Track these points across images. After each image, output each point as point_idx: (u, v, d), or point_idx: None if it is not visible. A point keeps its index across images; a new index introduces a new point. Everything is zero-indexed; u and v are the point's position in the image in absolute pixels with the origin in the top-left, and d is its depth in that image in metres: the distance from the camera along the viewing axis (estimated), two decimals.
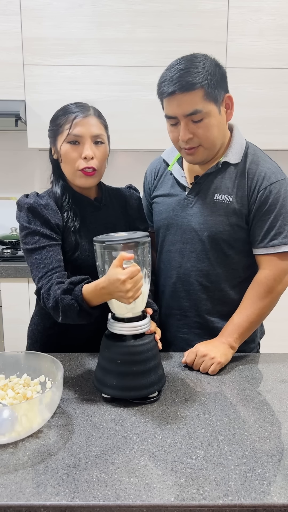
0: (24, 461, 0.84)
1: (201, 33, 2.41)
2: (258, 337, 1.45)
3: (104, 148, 1.25)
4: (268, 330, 1.52)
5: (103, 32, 2.40)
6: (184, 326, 1.38)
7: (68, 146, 1.21)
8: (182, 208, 1.33)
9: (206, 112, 1.18)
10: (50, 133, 1.28)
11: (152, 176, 1.46)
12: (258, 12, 2.41)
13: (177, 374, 1.20)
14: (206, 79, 1.16)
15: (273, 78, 2.48)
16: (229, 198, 1.27)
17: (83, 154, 1.21)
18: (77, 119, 1.20)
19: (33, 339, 1.40)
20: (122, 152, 2.84)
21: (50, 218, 1.21)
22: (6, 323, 2.52)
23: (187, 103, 1.17)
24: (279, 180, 1.25)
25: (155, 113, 1.32)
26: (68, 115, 1.22)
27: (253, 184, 1.25)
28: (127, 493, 0.75)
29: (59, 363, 0.99)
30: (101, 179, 1.34)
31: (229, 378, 1.18)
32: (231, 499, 0.74)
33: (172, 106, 1.19)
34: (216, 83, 1.19)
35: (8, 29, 2.39)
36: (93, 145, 1.22)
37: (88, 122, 1.21)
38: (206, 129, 1.20)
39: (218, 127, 1.23)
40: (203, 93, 1.16)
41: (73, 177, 1.25)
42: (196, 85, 1.15)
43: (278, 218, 1.24)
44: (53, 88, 2.42)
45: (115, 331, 1.07)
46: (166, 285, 1.40)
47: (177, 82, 1.16)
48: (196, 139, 1.21)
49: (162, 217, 1.38)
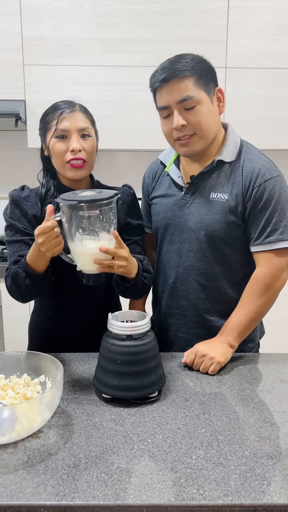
0: (24, 461, 0.84)
1: (201, 33, 2.41)
2: (257, 336, 1.44)
3: (91, 141, 1.29)
4: (268, 330, 1.53)
5: (103, 32, 2.40)
6: (183, 326, 1.38)
7: (56, 140, 1.26)
8: (179, 208, 1.34)
9: (197, 99, 1.20)
10: (40, 131, 1.33)
11: (150, 178, 1.47)
12: (258, 12, 2.41)
13: (177, 374, 1.20)
14: (195, 68, 1.20)
15: (273, 78, 2.48)
16: (225, 196, 1.28)
17: (70, 147, 1.25)
18: (63, 115, 1.25)
19: (31, 335, 1.47)
20: (122, 152, 2.84)
21: (27, 210, 1.30)
22: (6, 323, 2.52)
23: (178, 89, 1.20)
24: (274, 177, 1.25)
25: (155, 113, 1.32)
26: (55, 112, 1.27)
27: (247, 181, 1.26)
28: (127, 493, 0.75)
29: (59, 363, 0.99)
30: (100, 179, 1.34)
31: (229, 378, 1.18)
32: (231, 499, 0.74)
33: (164, 94, 1.22)
34: (206, 73, 1.23)
35: (8, 29, 2.39)
36: (80, 138, 1.26)
37: (74, 117, 1.26)
38: (199, 115, 1.21)
39: (211, 116, 1.24)
40: (194, 81, 1.20)
41: (63, 170, 1.29)
42: (186, 71, 1.19)
43: (273, 214, 1.24)
44: (53, 88, 2.42)
45: (115, 331, 1.07)
46: (165, 285, 1.41)
47: (168, 69, 1.20)
48: (189, 127, 1.22)
49: (160, 218, 1.38)
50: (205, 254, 1.31)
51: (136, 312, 1.16)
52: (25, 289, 1.20)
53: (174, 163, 1.39)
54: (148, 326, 1.09)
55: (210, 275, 1.32)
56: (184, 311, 1.37)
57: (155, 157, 1.51)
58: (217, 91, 1.26)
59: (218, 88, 1.27)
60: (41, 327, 1.43)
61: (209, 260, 1.31)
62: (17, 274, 1.18)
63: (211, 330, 1.34)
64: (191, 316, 1.37)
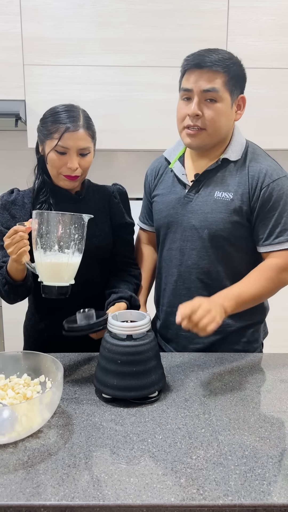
0: (24, 461, 0.84)
1: (201, 33, 2.41)
2: (261, 337, 1.44)
3: (89, 158, 1.31)
4: (270, 331, 1.52)
5: (103, 32, 2.40)
6: None
7: (55, 154, 1.27)
8: (182, 205, 1.34)
9: (221, 96, 1.21)
10: (39, 132, 1.33)
11: (152, 175, 1.47)
12: (258, 12, 2.41)
13: (177, 374, 1.20)
14: (230, 68, 1.22)
15: (273, 78, 2.47)
16: (230, 196, 1.27)
17: (68, 165, 1.27)
18: (66, 133, 1.24)
19: (26, 335, 1.49)
20: (122, 152, 2.84)
21: (15, 214, 1.34)
22: (6, 323, 2.52)
23: (207, 79, 1.20)
24: (281, 177, 1.26)
25: (155, 113, 1.32)
26: (58, 125, 1.26)
27: (254, 182, 1.25)
28: (127, 493, 0.75)
29: (59, 363, 0.99)
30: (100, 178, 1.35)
31: (229, 378, 1.18)
32: (231, 499, 0.74)
33: (192, 78, 1.22)
34: (237, 78, 1.24)
35: (8, 29, 2.38)
36: (79, 156, 1.28)
37: (77, 136, 1.26)
38: (216, 112, 1.22)
39: (227, 119, 1.25)
40: (224, 79, 1.21)
41: (56, 179, 1.32)
42: (220, 67, 1.20)
43: (282, 215, 1.25)
44: (53, 88, 2.42)
45: (115, 331, 1.07)
46: (167, 283, 1.40)
47: (205, 57, 1.20)
48: (203, 120, 1.23)
49: (163, 216, 1.38)
50: (208, 253, 1.31)
51: (136, 312, 1.16)
52: (5, 294, 1.27)
53: (179, 160, 1.39)
54: (148, 326, 1.09)
55: (213, 274, 1.32)
56: None
57: (155, 157, 1.51)
58: (240, 99, 1.28)
59: (242, 96, 1.28)
60: (35, 327, 1.45)
61: (212, 259, 1.31)
62: None
63: None
64: None
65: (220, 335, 1.34)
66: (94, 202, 1.41)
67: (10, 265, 1.21)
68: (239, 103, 1.28)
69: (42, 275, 1.16)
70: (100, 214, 1.40)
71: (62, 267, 1.14)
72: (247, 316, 1.36)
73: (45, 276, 1.15)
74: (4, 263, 1.27)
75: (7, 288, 1.25)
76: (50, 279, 1.14)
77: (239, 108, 1.29)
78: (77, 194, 1.39)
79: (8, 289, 1.25)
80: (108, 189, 1.45)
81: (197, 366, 1.25)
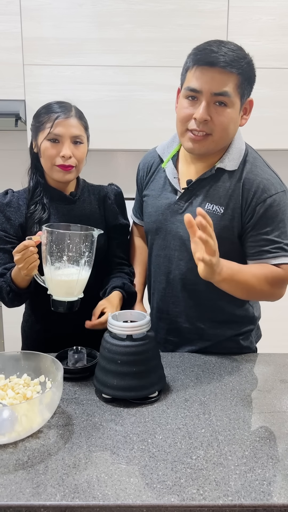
0: (24, 461, 0.84)
1: (201, 33, 2.41)
2: (254, 342, 1.41)
3: (83, 148, 1.30)
4: (266, 330, 1.52)
5: (103, 32, 2.40)
6: (174, 331, 1.35)
7: (48, 143, 1.27)
8: (171, 213, 1.28)
9: (232, 101, 1.12)
10: (32, 128, 1.34)
11: (144, 171, 1.40)
12: (258, 12, 2.41)
13: (177, 374, 1.20)
14: (244, 70, 1.12)
15: (273, 78, 2.47)
16: (221, 210, 1.20)
17: (61, 153, 1.26)
18: (58, 119, 1.26)
19: (24, 336, 1.50)
20: (122, 152, 2.84)
21: (10, 216, 1.34)
22: (6, 323, 2.52)
23: (220, 80, 1.09)
24: (279, 192, 1.17)
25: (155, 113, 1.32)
26: (50, 114, 1.27)
27: (249, 196, 1.17)
28: (127, 493, 0.75)
29: (59, 363, 0.99)
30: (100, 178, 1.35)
31: (229, 378, 1.18)
32: (231, 499, 0.74)
33: (202, 77, 1.10)
34: (248, 80, 1.15)
35: (8, 29, 2.38)
36: (72, 145, 1.28)
37: (69, 123, 1.27)
38: (225, 117, 1.13)
39: (234, 124, 1.17)
40: (237, 82, 1.11)
41: (51, 172, 1.31)
42: (235, 68, 1.09)
43: (275, 232, 1.17)
44: (53, 88, 2.42)
45: (115, 331, 1.07)
46: (155, 288, 1.38)
47: (223, 57, 1.08)
48: (210, 125, 1.13)
49: (152, 220, 1.33)
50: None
51: (136, 312, 1.16)
52: (8, 301, 1.29)
53: (172, 160, 1.31)
54: (148, 326, 1.09)
55: (201, 286, 1.23)
56: (175, 317, 1.34)
57: None
58: (248, 102, 1.19)
59: (250, 99, 1.18)
60: (32, 327, 1.45)
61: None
62: (1, 287, 1.26)
63: (202, 336, 1.32)
64: (183, 322, 1.33)
65: (208, 343, 1.33)
66: (89, 202, 1.40)
67: (16, 275, 1.22)
68: (245, 107, 1.19)
69: (52, 291, 1.18)
70: (94, 215, 1.40)
71: (72, 284, 1.16)
72: (237, 326, 1.34)
73: (55, 291, 1.18)
74: (6, 269, 1.28)
75: (11, 296, 1.26)
76: (60, 294, 1.18)
77: (245, 112, 1.20)
78: (71, 195, 1.38)
79: (13, 297, 1.26)
80: (104, 190, 1.44)
81: (197, 366, 1.25)
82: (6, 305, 1.33)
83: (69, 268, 1.15)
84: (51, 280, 1.16)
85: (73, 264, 1.15)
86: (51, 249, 1.14)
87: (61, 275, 1.15)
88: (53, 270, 1.15)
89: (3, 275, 1.28)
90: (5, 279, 1.25)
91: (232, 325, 1.34)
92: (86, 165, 1.38)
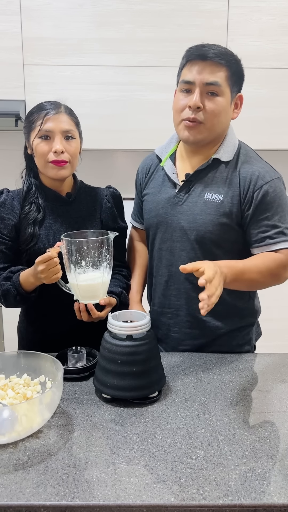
0: (24, 461, 0.84)
1: (201, 33, 2.41)
2: (253, 339, 1.43)
3: (75, 143, 1.31)
4: (266, 330, 1.52)
5: (103, 32, 2.40)
6: (175, 325, 1.37)
7: (39, 140, 1.28)
8: (172, 205, 1.32)
9: (222, 90, 1.21)
10: (25, 129, 1.34)
11: (143, 173, 1.45)
12: (258, 12, 2.41)
13: (177, 374, 1.20)
14: (232, 65, 1.22)
15: (273, 78, 2.47)
16: (220, 197, 1.26)
17: (53, 148, 1.27)
18: (48, 116, 1.27)
19: (20, 337, 1.51)
20: (122, 152, 2.83)
21: (4, 215, 1.34)
22: (6, 323, 2.52)
23: (211, 72, 1.20)
24: (274, 179, 1.24)
25: (155, 113, 1.32)
26: (40, 112, 1.28)
27: (246, 184, 1.24)
28: (127, 493, 0.75)
29: (59, 363, 0.99)
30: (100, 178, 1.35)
31: (229, 378, 1.18)
32: (231, 499, 0.74)
33: (195, 70, 1.21)
34: (237, 75, 1.24)
35: (8, 29, 2.38)
36: (64, 140, 1.28)
37: (58, 118, 1.27)
38: (216, 105, 1.21)
39: (225, 115, 1.25)
40: (227, 74, 1.21)
41: (45, 169, 1.31)
42: (224, 60, 1.20)
43: (274, 216, 1.23)
44: (53, 88, 2.42)
45: (115, 331, 1.07)
46: (157, 283, 1.40)
47: (210, 49, 1.20)
48: (203, 113, 1.22)
49: (152, 215, 1.37)
50: (197, 254, 1.29)
51: (136, 312, 1.16)
52: (13, 303, 1.30)
53: (170, 158, 1.36)
54: (148, 326, 1.09)
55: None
56: (177, 310, 1.36)
57: None
58: (238, 97, 1.28)
59: (240, 94, 1.28)
60: (28, 328, 1.45)
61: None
62: (8, 291, 1.27)
63: (203, 330, 1.34)
64: (184, 316, 1.35)
65: (210, 337, 1.34)
66: (85, 204, 1.40)
67: (26, 280, 1.24)
68: (236, 102, 1.28)
69: (78, 296, 1.22)
70: (90, 217, 1.39)
71: (98, 286, 1.20)
72: (238, 319, 1.36)
73: (81, 296, 1.22)
74: (12, 273, 1.28)
75: (19, 299, 1.27)
76: (87, 299, 1.22)
77: (236, 107, 1.28)
78: (67, 195, 1.38)
79: (20, 300, 1.28)
80: (101, 192, 1.44)
81: (197, 366, 1.25)
82: (6, 306, 1.33)
83: (92, 272, 1.19)
84: (77, 286, 1.20)
85: (95, 268, 1.19)
86: (73, 257, 1.17)
87: (86, 280, 1.18)
88: (78, 276, 1.18)
89: (9, 278, 1.28)
90: (12, 283, 1.26)
91: (234, 318, 1.35)
92: (85, 165, 1.38)
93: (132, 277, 1.50)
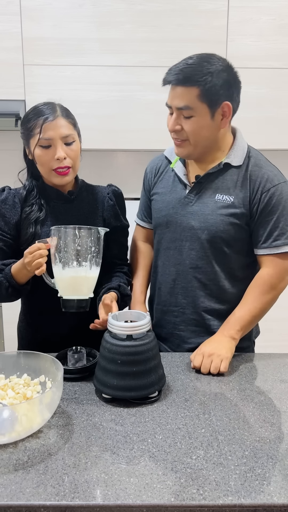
0: (24, 461, 0.84)
1: (201, 33, 2.41)
2: (253, 335, 1.45)
3: (75, 146, 1.30)
4: (266, 330, 1.52)
5: (103, 32, 2.40)
6: (181, 323, 1.39)
7: (40, 149, 1.27)
8: (182, 206, 1.35)
9: (196, 111, 1.21)
10: (22, 135, 1.33)
11: (152, 173, 1.47)
12: (258, 12, 2.41)
13: (177, 374, 1.20)
14: (206, 80, 1.18)
15: (273, 78, 2.47)
16: (230, 199, 1.29)
17: (55, 156, 1.26)
18: (46, 123, 1.25)
19: (20, 336, 1.51)
20: (122, 152, 2.83)
21: (5, 213, 1.34)
22: (6, 323, 2.52)
23: (180, 97, 1.21)
24: (281, 183, 1.28)
25: (155, 113, 1.33)
26: (37, 118, 1.26)
27: (256, 186, 1.28)
28: (127, 493, 0.75)
29: (59, 363, 0.99)
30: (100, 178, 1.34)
31: (229, 378, 1.18)
32: (231, 499, 0.74)
33: (170, 95, 1.25)
34: (219, 87, 1.20)
35: (8, 29, 2.38)
36: (64, 145, 1.27)
37: (56, 125, 1.26)
38: (193, 126, 1.23)
39: (208, 130, 1.25)
40: (199, 92, 1.19)
41: (49, 177, 1.32)
42: (192, 82, 1.19)
43: (280, 219, 1.27)
44: (53, 88, 2.42)
45: (115, 331, 1.07)
46: (163, 282, 1.41)
47: (178, 74, 1.20)
48: (184, 133, 1.25)
49: (162, 215, 1.39)
50: (206, 253, 1.32)
51: (136, 312, 1.16)
52: (6, 296, 1.28)
53: (180, 160, 1.39)
54: (148, 326, 1.09)
55: (211, 274, 1.33)
56: (183, 308, 1.38)
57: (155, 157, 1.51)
58: (224, 105, 1.23)
59: (225, 102, 1.22)
60: (28, 328, 1.45)
61: (210, 260, 1.32)
62: (0, 283, 1.26)
63: (208, 329, 1.35)
64: (190, 314, 1.37)
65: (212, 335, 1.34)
66: (87, 202, 1.40)
67: (18, 272, 1.23)
68: (224, 110, 1.23)
69: (61, 290, 1.20)
70: (92, 215, 1.39)
71: (80, 280, 1.18)
72: None
73: (64, 290, 1.19)
74: (4, 265, 1.28)
75: (11, 291, 1.26)
76: (69, 293, 1.18)
77: (224, 115, 1.24)
78: (69, 193, 1.38)
79: (12, 292, 1.27)
80: (103, 190, 1.44)
81: None
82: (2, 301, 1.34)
83: (77, 266, 1.17)
84: (60, 279, 1.18)
85: (80, 261, 1.17)
86: (59, 246, 1.16)
87: (69, 271, 1.17)
88: (61, 268, 1.17)
89: (1, 270, 1.27)
90: (4, 275, 1.25)
91: None
92: (86, 165, 1.38)
93: (135, 278, 1.50)
